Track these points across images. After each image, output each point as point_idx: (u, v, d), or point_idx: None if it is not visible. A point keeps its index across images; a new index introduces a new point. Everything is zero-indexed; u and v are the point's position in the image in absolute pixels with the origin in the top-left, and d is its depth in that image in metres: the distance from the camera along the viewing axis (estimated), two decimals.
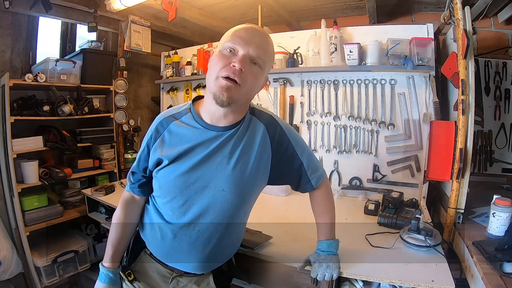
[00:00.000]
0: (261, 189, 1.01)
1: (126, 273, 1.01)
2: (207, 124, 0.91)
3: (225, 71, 0.82)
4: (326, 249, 1.04)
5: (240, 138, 0.91)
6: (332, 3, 2.38)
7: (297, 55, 2.01)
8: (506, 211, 1.18)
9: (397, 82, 1.81)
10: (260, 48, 0.85)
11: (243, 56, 0.83)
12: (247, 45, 0.83)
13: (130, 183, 1.03)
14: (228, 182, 0.89)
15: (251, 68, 0.84)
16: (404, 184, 1.82)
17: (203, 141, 0.90)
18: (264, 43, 0.87)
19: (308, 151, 1.04)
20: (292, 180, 1.04)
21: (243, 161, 0.90)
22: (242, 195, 0.93)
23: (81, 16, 2.27)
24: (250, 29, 0.87)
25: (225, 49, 0.85)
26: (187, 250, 0.92)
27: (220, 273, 1.01)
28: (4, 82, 1.87)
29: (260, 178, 0.96)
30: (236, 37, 0.84)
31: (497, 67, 2.06)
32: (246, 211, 1.01)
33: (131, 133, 2.69)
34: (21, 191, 1.92)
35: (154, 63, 2.94)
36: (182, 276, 0.98)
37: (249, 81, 0.84)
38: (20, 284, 2.06)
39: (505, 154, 2.06)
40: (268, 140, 0.95)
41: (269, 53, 0.91)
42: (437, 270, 1.05)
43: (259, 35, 0.87)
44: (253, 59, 0.84)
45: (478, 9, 1.77)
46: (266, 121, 0.96)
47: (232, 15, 2.65)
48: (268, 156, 0.95)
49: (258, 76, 0.87)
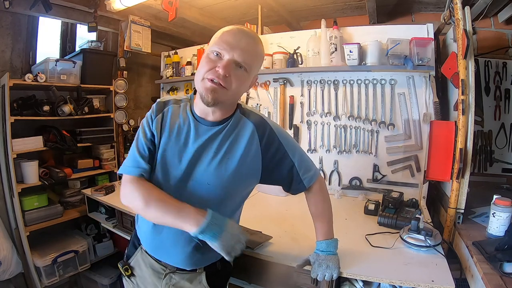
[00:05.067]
0: (249, 187, 1.02)
1: (124, 268, 1.04)
2: (198, 117, 0.95)
3: (210, 74, 0.85)
4: (325, 249, 1.04)
5: (228, 135, 0.94)
6: (332, 3, 2.38)
7: (297, 55, 2.01)
8: (506, 211, 1.18)
9: (397, 82, 1.81)
10: (246, 52, 0.87)
11: (227, 61, 0.85)
12: (232, 50, 0.85)
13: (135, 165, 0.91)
14: (213, 176, 0.91)
15: (236, 72, 0.87)
16: (404, 184, 1.82)
17: (193, 131, 0.93)
18: (250, 46, 0.89)
19: (300, 151, 1.04)
20: (283, 181, 1.04)
21: (228, 157, 0.92)
22: (226, 189, 0.94)
23: (81, 16, 2.27)
24: (236, 32, 0.88)
25: (212, 52, 0.87)
26: (172, 243, 0.94)
27: (214, 271, 1.02)
28: (4, 82, 1.87)
29: (247, 175, 0.97)
30: (222, 42, 0.87)
31: (497, 67, 2.07)
32: (234, 207, 1.01)
33: (131, 133, 2.69)
34: (21, 191, 1.92)
35: (154, 63, 2.94)
36: (175, 272, 0.98)
37: (233, 84, 0.87)
38: (20, 284, 2.06)
39: (505, 154, 2.06)
40: (257, 139, 0.96)
41: (257, 55, 0.92)
42: (437, 270, 1.05)
43: (245, 38, 0.88)
44: (238, 64, 0.87)
45: (478, 9, 1.77)
46: (256, 121, 0.98)
47: (232, 15, 2.65)
48: (256, 155, 0.96)
49: (243, 79, 0.89)
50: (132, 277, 1.04)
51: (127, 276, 1.04)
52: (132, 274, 1.04)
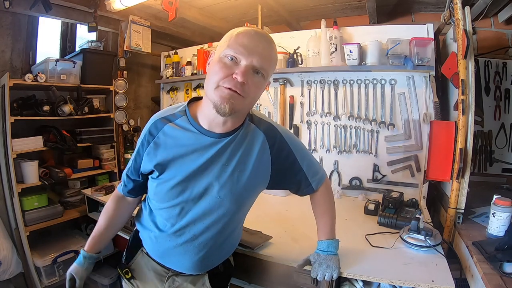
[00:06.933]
0: (258, 194, 1.01)
1: (123, 271, 1.02)
2: (204, 129, 0.87)
3: (226, 81, 0.77)
4: (326, 249, 1.04)
5: (238, 146, 0.89)
6: (332, 3, 2.38)
7: (297, 55, 2.01)
8: (506, 211, 1.18)
9: (397, 82, 1.81)
10: (264, 58, 0.80)
11: (246, 67, 0.77)
12: (251, 55, 0.77)
13: (122, 184, 1.03)
14: (224, 189, 0.88)
15: (254, 79, 0.79)
16: (404, 184, 1.82)
17: (199, 147, 0.87)
18: (268, 50, 0.82)
19: (308, 156, 1.04)
20: (292, 185, 1.04)
21: (240, 169, 0.89)
22: (238, 202, 0.92)
23: (81, 16, 2.27)
24: (253, 35, 0.80)
25: (226, 56, 0.79)
26: (181, 253, 0.92)
27: (216, 273, 1.01)
28: (4, 82, 1.87)
29: (257, 185, 0.96)
30: (238, 45, 0.78)
31: (497, 67, 2.07)
32: (242, 216, 1.02)
33: (131, 133, 2.69)
34: (21, 191, 1.92)
35: (154, 63, 2.94)
36: (178, 275, 0.98)
37: (252, 92, 0.81)
38: (20, 284, 2.06)
39: (505, 154, 2.06)
40: (268, 148, 0.93)
41: (273, 61, 0.86)
42: (437, 270, 1.05)
43: (263, 42, 0.81)
44: (256, 70, 0.79)
45: (478, 9, 1.77)
46: (266, 129, 0.94)
47: (232, 15, 2.65)
48: (267, 164, 0.94)
49: (260, 86, 0.83)
50: (132, 280, 1.02)
51: (127, 279, 1.01)
52: (132, 276, 1.01)
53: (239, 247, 1.13)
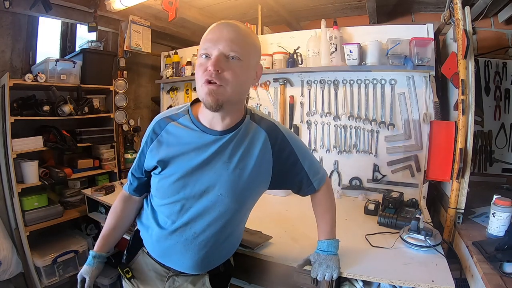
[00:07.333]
0: (260, 194, 1.01)
1: (124, 270, 1.02)
2: (205, 127, 0.90)
3: (204, 76, 0.81)
4: (327, 249, 1.04)
5: (240, 143, 0.90)
6: (332, 3, 2.38)
7: (297, 55, 2.01)
8: (506, 211, 1.18)
9: (397, 82, 1.81)
10: (231, 41, 0.81)
11: (215, 57, 0.80)
12: (216, 45, 0.81)
13: (128, 183, 1.06)
14: (226, 187, 0.89)
15: (228, 65, 0.81)
16: (404, 184, 1.82)
17: (201, 144, 0.89)
18: (233, 33, 0.82)
19: (310, 155, 1.04)
20: (293, 185, 1.04)
21: (241, 167, 0.90)
22: (240, 200, 0.92)
23: (81, 16, 2.27)
24: (216, 27, 0.84)
25: (201, 56, 0.84)
26: (182, 251, 0.92)
27: (217, 273, 1.01)
28: (4, 82, 1.87)
29: (259, 184, 0.96)
30: (205, 42, 0.83)
31: (497, 67, 2.07)
32: (244, 214, 1.01)
33: (131, 133, 2.69)
34: (21, 191, 1.92)
35: (154, 63, 2.94)
36: (178, 275, 0.98)
37: (231, 78, 0.81)
38: (20, 284, 2.06)
39: (505, 154, 2.06)
40: (269, 147, 0.94)
41: (246, 41, 0.85)
42: (437, 270, 1.05)
43: (227, 27, 0.83)
44: (227, 55, 0.81)
45: (478, 9, 1.77)
46: (268, 128, 0.95)
47: (232, 15, 2.65)
48: (268, 163, 0.95)
49: (238, 70, 0.82)
50: (132, 279, 1.02)
51: (127, 279, 1.02)
52: (133, 276, 1.02)
53: (239, 247, 1.13)
